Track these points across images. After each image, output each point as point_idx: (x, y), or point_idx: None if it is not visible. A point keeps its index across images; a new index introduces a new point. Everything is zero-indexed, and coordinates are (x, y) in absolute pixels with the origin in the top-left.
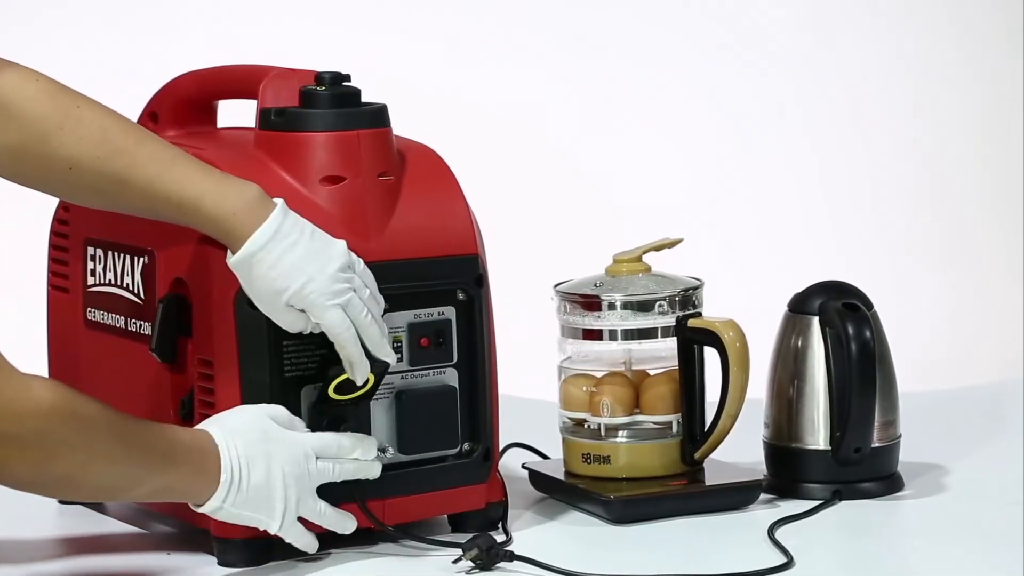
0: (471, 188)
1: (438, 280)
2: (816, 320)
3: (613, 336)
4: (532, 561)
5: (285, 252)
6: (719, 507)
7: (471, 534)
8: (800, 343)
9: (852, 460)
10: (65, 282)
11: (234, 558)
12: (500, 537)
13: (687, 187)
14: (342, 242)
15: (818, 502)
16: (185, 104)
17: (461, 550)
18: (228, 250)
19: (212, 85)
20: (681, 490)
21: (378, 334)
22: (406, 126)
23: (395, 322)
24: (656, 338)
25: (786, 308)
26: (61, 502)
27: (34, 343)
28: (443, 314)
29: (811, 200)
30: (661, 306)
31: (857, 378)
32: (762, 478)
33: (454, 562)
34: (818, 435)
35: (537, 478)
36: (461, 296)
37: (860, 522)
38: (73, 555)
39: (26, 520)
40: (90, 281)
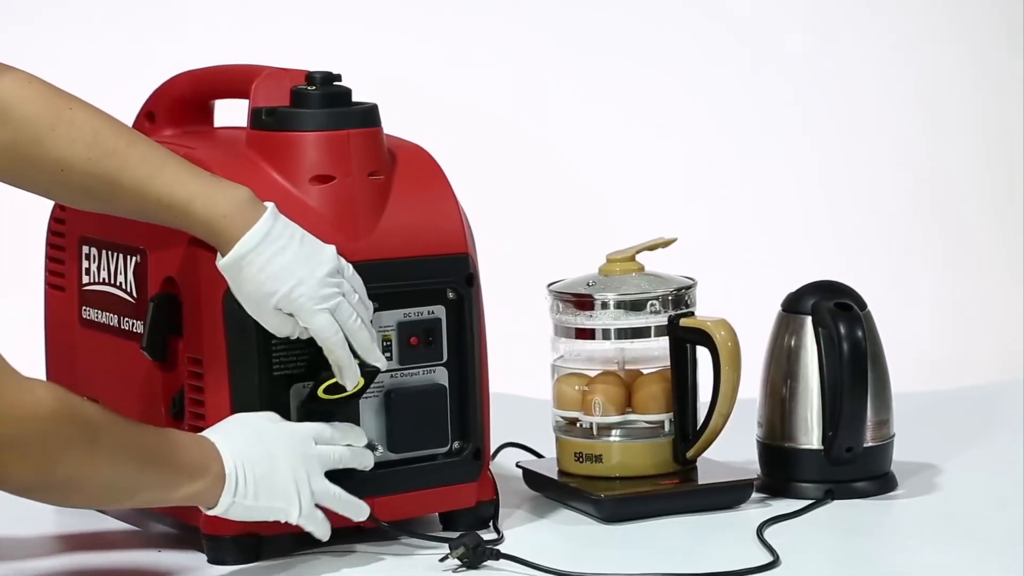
0: (466, 187)
1: (428, 279)
2: (809, 320)
3: (606, 335)
4: (518, 560)
5: (275, 255)
6: (710, 506)
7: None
8: (793, 343)
9: (844, 460)
10: (61, 280)
11: (224, 556)
12: (491, 535)
13: (681, 186)
14: (332, 247)
15: (810, 501)
16: (181, 104)
17: (448, 548)
18: (217, 252)
19: (206, 85)
20: (672, 489)
21: (367, 339)
22: (399, 126)
23: (385, 321)
24: (649, 337)
25: (779, 308)
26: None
27: (33, 342)
28: (433, 313)
29: (810, 200)
30: (653, 305)
31: (849, 378)
32: (754, 477)
33: (441, 560)
34: (811, 435)
35: (530, 477)
36: (451, 295)
37: (852, 521)
38: (66, 552)
39: (22, 518)
40: (85, 280)
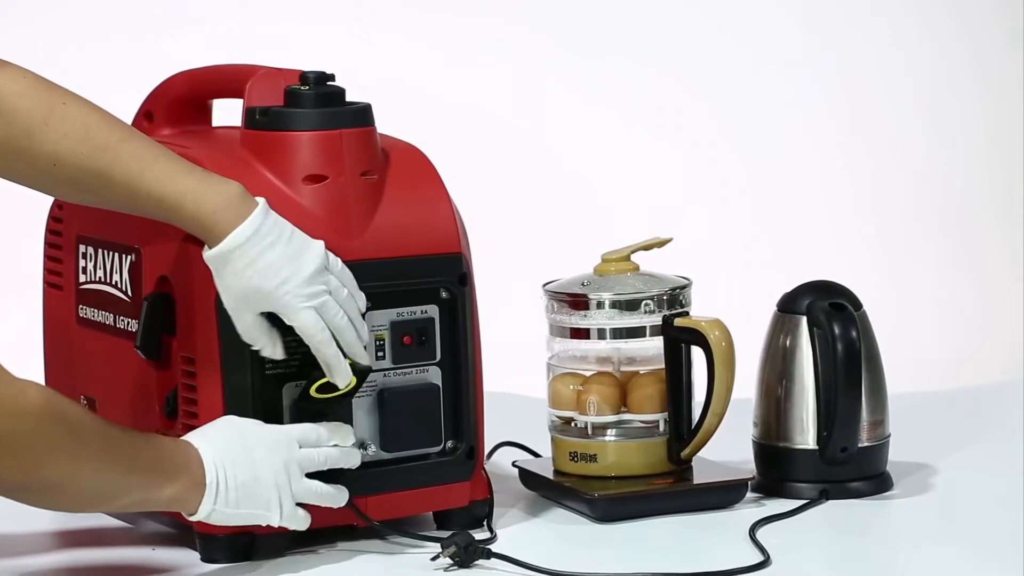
0: (461, 186)
1: (421, 279)
2: (804, 320)
3: (601, 335)
4: (509, 559)
5: (262, 252)
6: (704, 506)
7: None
8: (788, 343)
9: (839, 459)
10: (59, 280)
11: (217, 554)
12: (484, 535)
13: (677, 186)
14: (320, 243)
15: (805, 501)
16: (179, 103)
17: (440, 547)
18: (205, 245)
19: (203, 85)
20: (666, 489)
21: (353, 337)
22: (394, 125)
23: (377, 320)
24: (644, 337)
25: (775, 308)
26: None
27: (32, 341)
28: (426, 312)
29: (809, 199)
30: (648, 305)
31: (843, 378)
32: (748, 477)
33: (432, 559)
34: (806, 434)
35: (526, 476)
36: (444, 295)
37: (846, 521)
38: (61, 550)
39: (17, 516)
40: (82, 279)
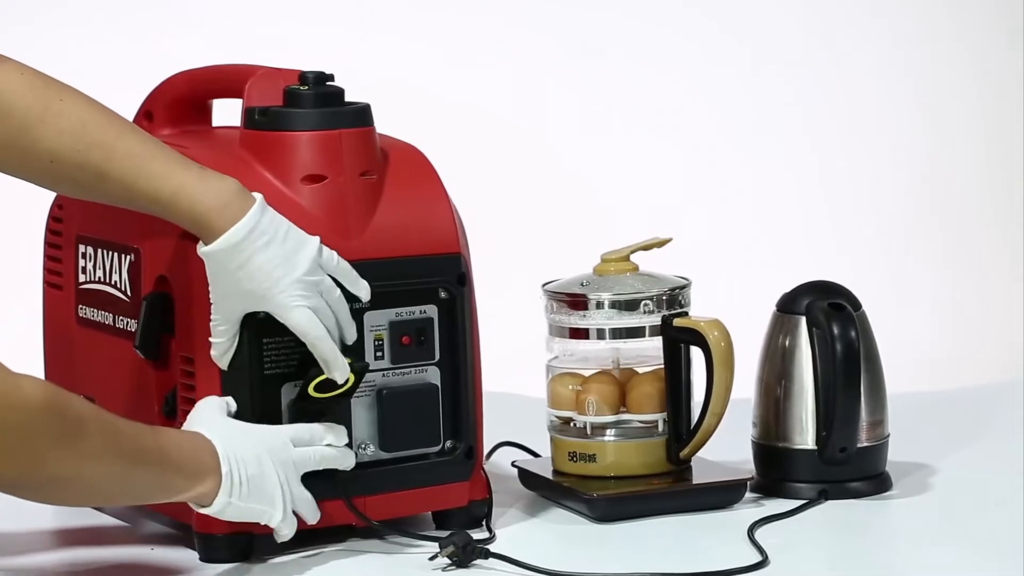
0: (461, 187)
1: (420, 279)
2: (803, 320)
3: (600, 335)
4: (507, 559)
5: (255, 253)
6: (703, 506)
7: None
8: (788, 343)
9: (838, 460)
10: (59, 279)
11: (216, 554)
12: (483, 534)
13: (677, 186)
14: (315, 240)
15: (804, 501)
16: (179, 103)
17: (438, 547)
18: (200, 240)
19: (203, 85)
20: (665, 488)
21: (337, 340)
22: (394, 125)
23: (376, 320)
24: (643, 337)
25: (774, 308)
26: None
27: (33, 341)
28: (425, 312)
29: (808, 199)
30: (647, 305)
31: (842, 378)
32: (747, 477)
33: (430, 559)
34: (806, 435)
35: (525, 476)
36: (443, 295)
37: (845, 522)
38: (59, 549)
39: (15, 515)
40: (81, 279)
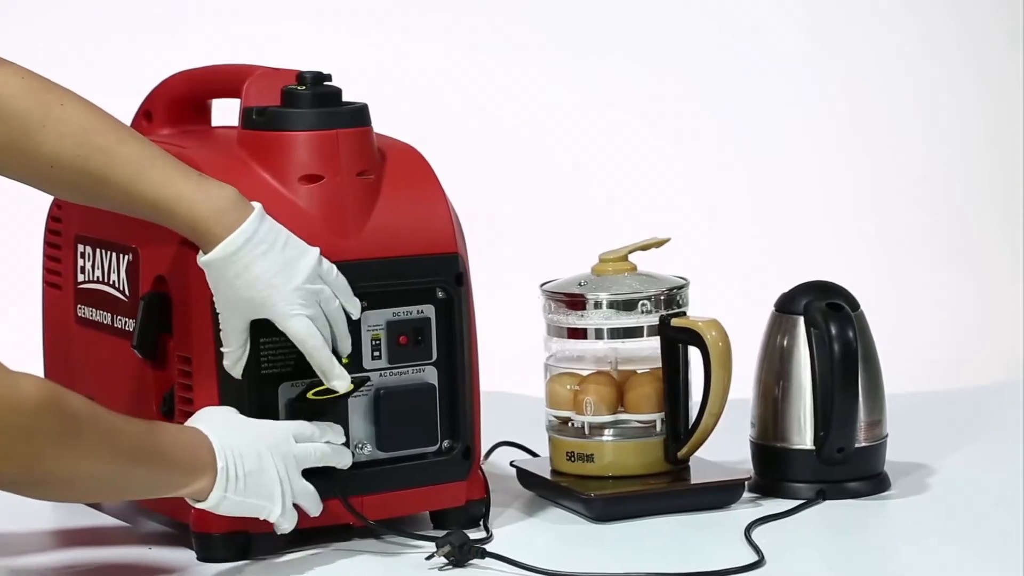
0: (459, 186)
1: (417, 278)
2: (801, 320)
3: (598, 335)
4: (504, 558)
5: (253, 261)
6: (701, 506)
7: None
8: (786, 343)
9: (836, 460)
10: (58, 279)
11: (214, 553)
12: (481, 534)
13: (676, 186)
14: (315, 250)
15: (801, 501)
16: (178, 103)
17: (435, 546)
18: (200, 250)
19: (202, 85)
20: (662, 488)
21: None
22: (391, 125)
23: (374, 320)
24: (641, 337)
25: (772, 308)
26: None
27: (32, 340)
28: (422, 312)
29: (809, 200)
30: (645, 305)
31: (840, 378)
32: (745, 477)
33: (427, 559)
34: (804, 435)
35: (523, 475)
36: (441, 294)
37: (842, 522)
38: (57, 549)
39: (13, 514)
40: (80, 278)
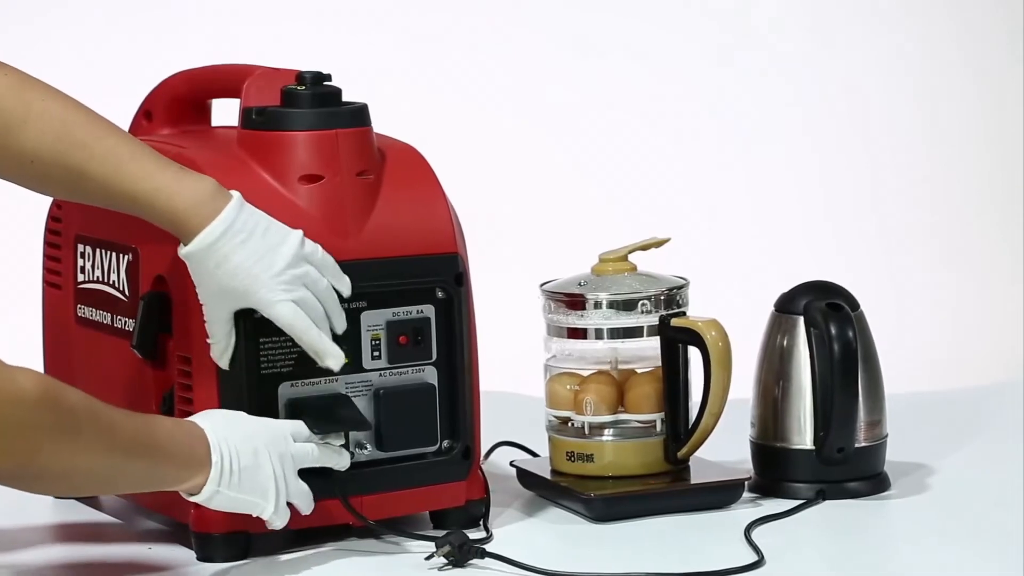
0: (459, 186)
1: (417, 278)
2: (801, 320)
3: (598, 335)
4: (504, 558)
5: (233, 251)
6: (701, 506)
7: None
8: (786, 343)
9: (836, 460)
10: (58, 279)
11: (213, 553)
12: (481, 534)
13: (676, 186)
14: (297, 233)
15: (801, 501)
16: (177, 103)
17: (434, 546)
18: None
19: (202, 85)
20: (662, 488)
21: (326, 330)
22: (391, 125)
23: (373, 320)
24: (641, 337)
25: (772, 308)
26: (56, 496)
27: (32, 340)
28: (422, 312)
29: (809, 200)
30: (645, 305)
31: (840, 378)
32: (745, 477)
33: (426, 559)
34: (804, 435)
35: (523, 475)
36: (440, 294)
37: (842, 522)
38: (56, 548)
39: (12, 513)
40: (80, 278)
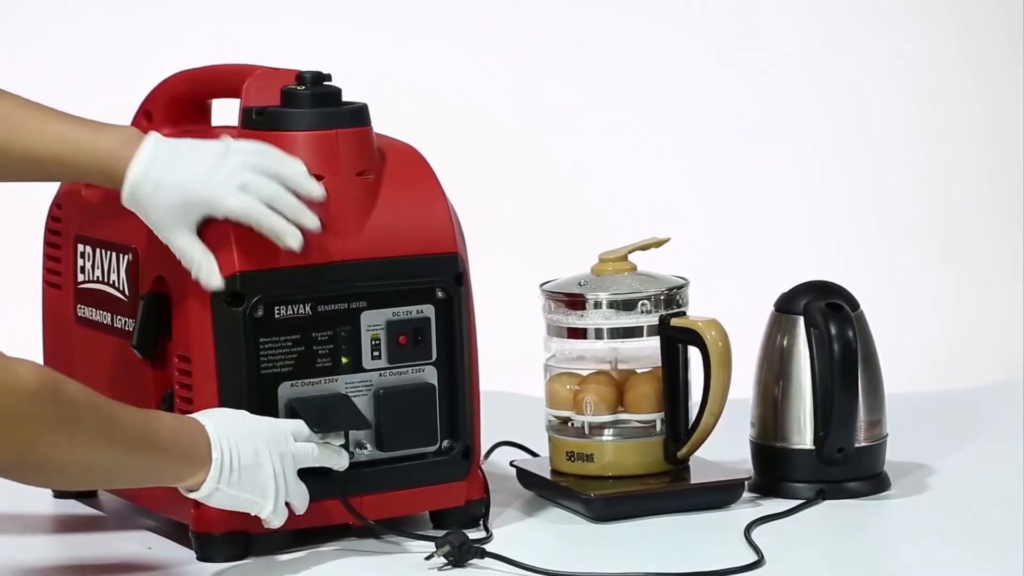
0: (459, 186)
1: (417, 278)
2: (801, 320)
3: (598, 335)
4: (503, 558)
5: (165, 172)
6: (700, 506)
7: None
8: (786, 343)
9: (836, 460)
10: (58, 279)
11: (213, 553)
12: (480, 534)
13: (676, 186)
14: (223, 139)
15: (801, 501)
16: (178, 103)
17: (434, 546)
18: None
19: (202, 84)
20: (662, 488)
21: (292, 201)
22: (391, 125)
23: (373, 320)
24: (641, 337)
25: (772, 308)
26: (56, 495)
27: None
28: (422, 312)
29: (809, 200)
30: (645, 305)
31: (839, 378)
32: (745, 477)
33: (426, 559)
34: (804, 435)
35: (523, 475)
36: (440, 294)
37: (842, 521)
38: (57, 547)
39: (13, 513)
40: (80, 278)
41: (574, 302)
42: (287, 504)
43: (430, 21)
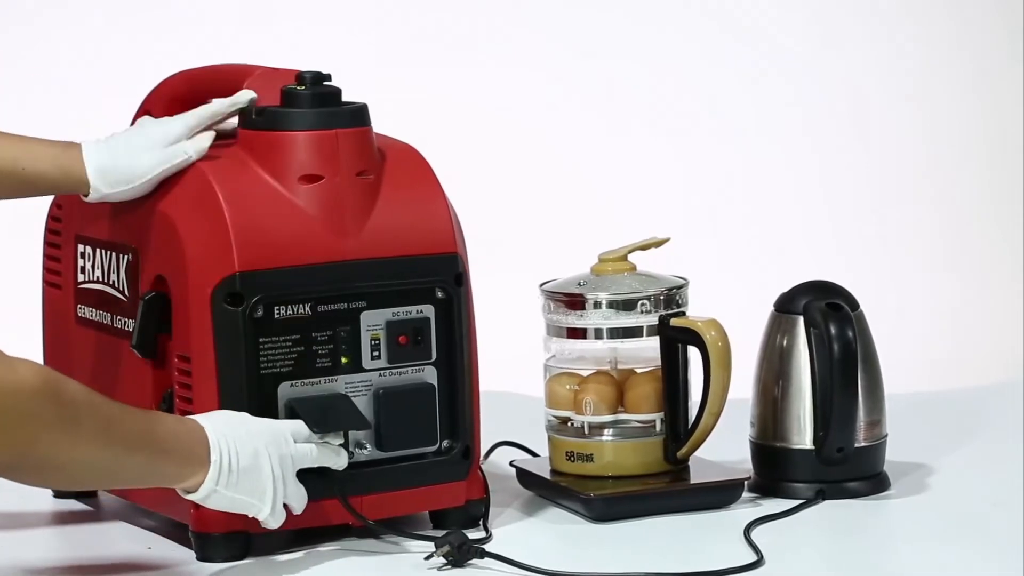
0: (459, 186)
1: (417, 278)
2: (801, 320)
3: (598, 335)
4: (503, 558)
5: (116, 149)
6: (700, 506)
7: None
8: (785, 343)
9: (835, 460)
10: (58, 279)
11: (213, 553)
12: (480, 534)
13: (676, 186)
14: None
15: (801, 501)
16: (178, 103)
17: (434, 546)
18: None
19: (201, 84)
20: (662, 488)
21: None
22: (391, 125)
23: (373, 320)
24: (640, 337)
25: (772, 308)
26: (56, 495)
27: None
28: (421, 312)
29: (809, 200)
30: (644, 305)
31: (839, 378)
32: (745, 477)
33: (426, 558)
34: (804, 435)
35: (523, 475)
36: (440, 294)
37: (842, 521)
38: (57, 547)
39: (13, 513)
40: (80, 278)
41: (574, 302)
42: (284, 505)
43: (430, 21)
